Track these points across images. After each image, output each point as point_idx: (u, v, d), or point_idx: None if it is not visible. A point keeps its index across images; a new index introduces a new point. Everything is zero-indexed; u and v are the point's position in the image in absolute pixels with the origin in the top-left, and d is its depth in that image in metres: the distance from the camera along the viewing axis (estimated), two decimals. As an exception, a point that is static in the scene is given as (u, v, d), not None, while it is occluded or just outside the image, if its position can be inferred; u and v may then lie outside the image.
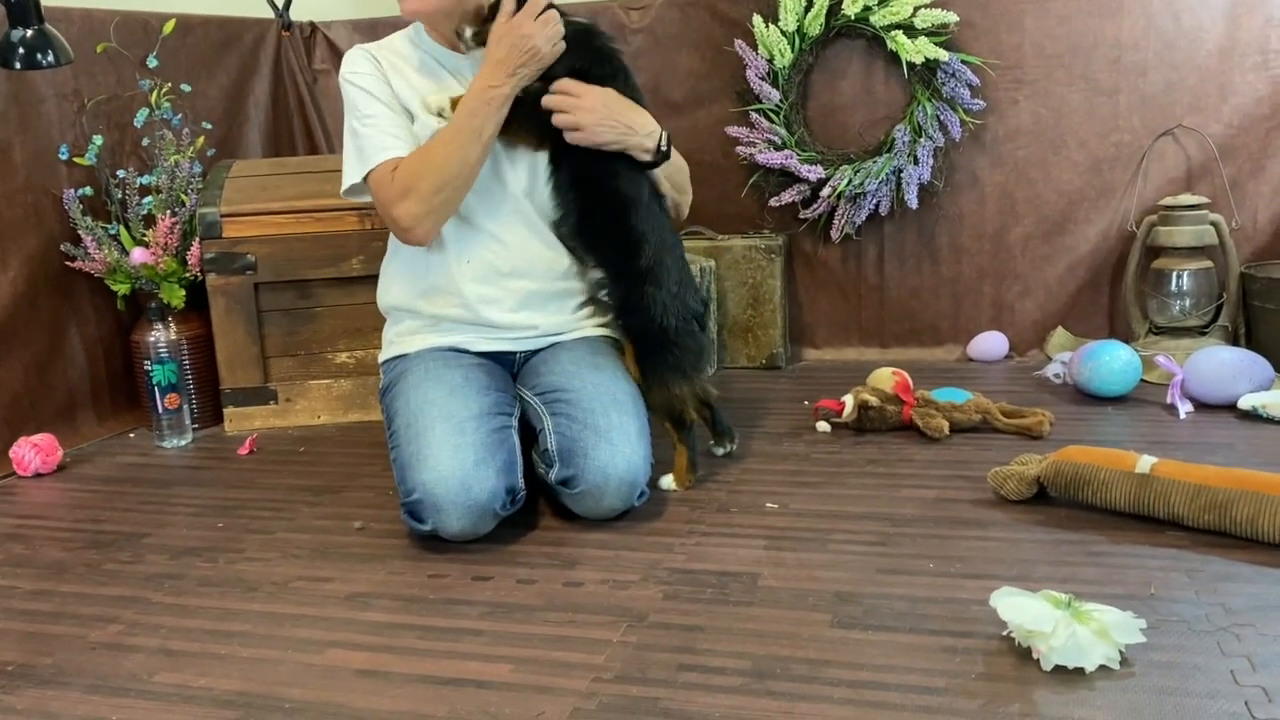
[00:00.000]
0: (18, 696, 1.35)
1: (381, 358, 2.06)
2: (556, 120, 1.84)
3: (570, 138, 1.85)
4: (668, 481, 1.95)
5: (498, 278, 1.95)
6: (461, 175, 1.82)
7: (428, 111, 1.88)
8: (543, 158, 1.92)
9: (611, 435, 1.78)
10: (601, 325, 2.04)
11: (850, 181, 2.72)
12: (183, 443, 2.45)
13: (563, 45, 1.83)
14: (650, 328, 1.90)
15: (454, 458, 1.70)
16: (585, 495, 1.78)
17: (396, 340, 2.02)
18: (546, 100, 1.84)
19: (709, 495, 1.92)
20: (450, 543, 1.73)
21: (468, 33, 1.86)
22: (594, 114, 1.84)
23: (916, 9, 2.61)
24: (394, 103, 1.92)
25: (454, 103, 1.85)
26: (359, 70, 1.93)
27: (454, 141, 1.81)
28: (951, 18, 2.61)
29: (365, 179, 1.90)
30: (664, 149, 1.90)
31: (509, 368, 2.00)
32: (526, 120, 1.85)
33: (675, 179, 2.02)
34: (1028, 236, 2.75)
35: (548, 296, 1.98)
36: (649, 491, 1.87)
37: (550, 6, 1.84)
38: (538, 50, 1.80)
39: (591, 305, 2.02)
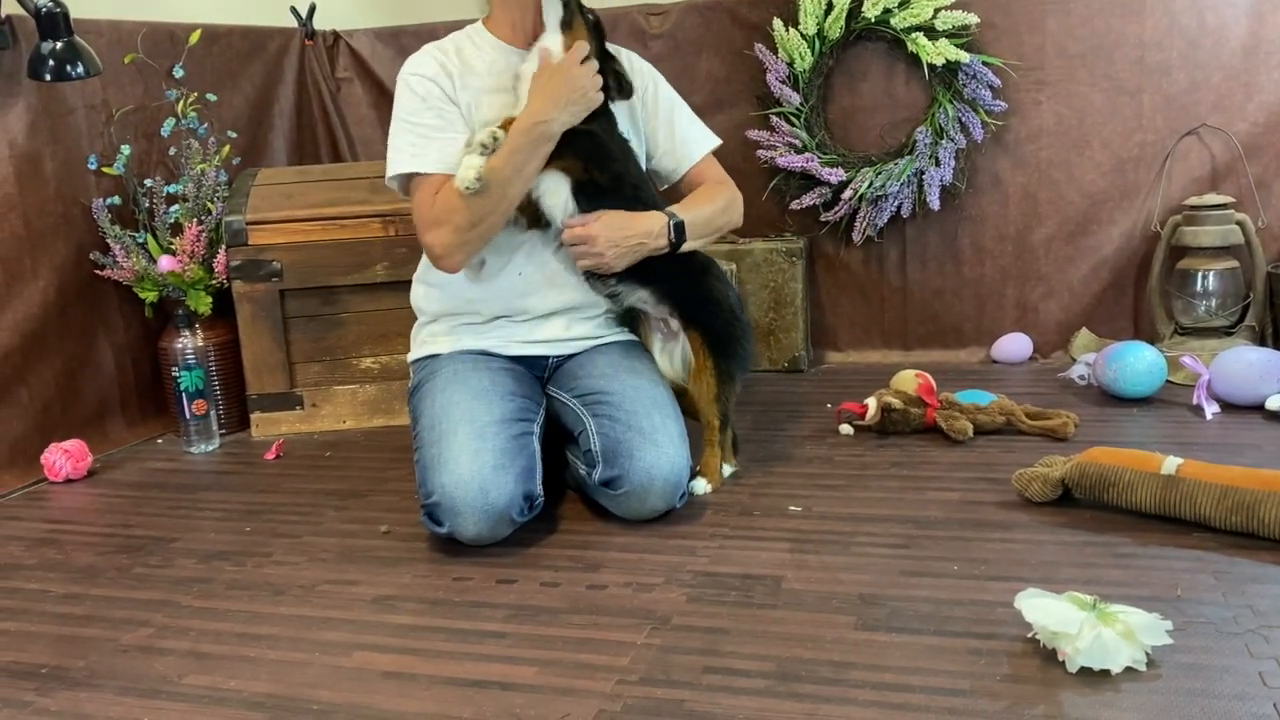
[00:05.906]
0: (51, 698, 1.37)
1: (411, 357, 2.05)
2: (580, 265, 1.87)
3: (599, 271, 1.88)
4: (701, 485, 1.93)
5: (543, 289, 1.95)
6: (498, 211, 1.80)
7: (472, 150, 1.77)
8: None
9: (656, 437, 1.79)
10: (631, 331, 2.04)
11: (871, 184, 2.72)
12: (210, 448, 2.48)
13: (601, 95, 1.84)
14: (724, 316, 1.92)
15: (474, 462, 1.71)
16: (630, 496, 1.78)
17: (429, 340, 2.01)
18: (568, 236, 1.86)
19: (732, 498, 1.92)
20: (472, 546, 1.75)
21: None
22: (609, 247, 1.84)
23: (937, 11, 2.61)
24: (452, 113, 1.86)
25: (505, 124, 1.80)
26: (422, 74, 1.87)
27: (494, 178, 1.76)
28: (972, 19, 2.61)
29: (407, 182, 1.87)
30: (674, 236, 1.87)
31: (539, 372, 2.00)
32: (568, 150, 1.83)
33: (706, 236, 1.96)
34: (1051, 237, 2.74)
35: (584, 305, 1.99)
36: (690, 493, 1.88)
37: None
38: (585, 91, 1.80)
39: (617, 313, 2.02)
